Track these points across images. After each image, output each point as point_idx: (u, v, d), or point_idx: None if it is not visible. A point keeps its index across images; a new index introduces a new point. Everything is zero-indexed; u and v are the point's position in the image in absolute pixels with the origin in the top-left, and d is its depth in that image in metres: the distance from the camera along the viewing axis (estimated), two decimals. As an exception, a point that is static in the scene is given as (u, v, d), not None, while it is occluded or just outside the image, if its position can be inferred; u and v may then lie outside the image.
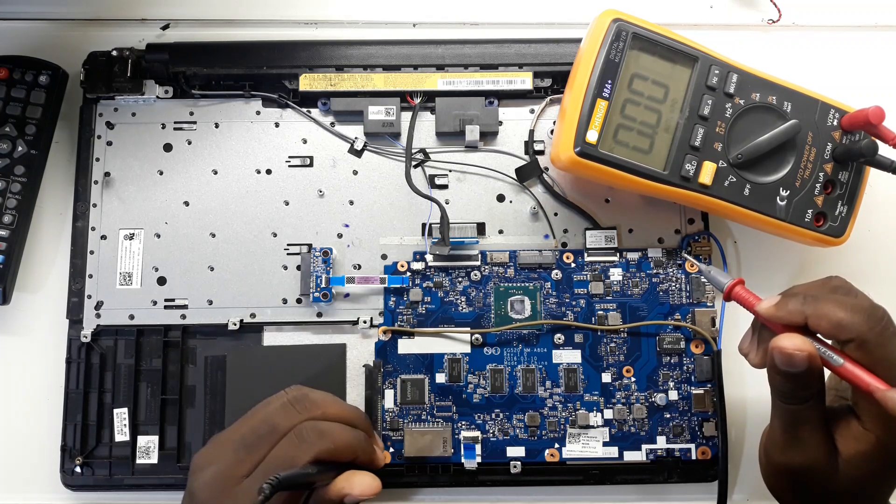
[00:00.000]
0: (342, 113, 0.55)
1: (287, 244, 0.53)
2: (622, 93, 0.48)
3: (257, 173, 0.54)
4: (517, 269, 0.53)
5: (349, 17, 0.58)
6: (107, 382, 0.51)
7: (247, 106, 0.55)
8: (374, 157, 0.55)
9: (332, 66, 0.55)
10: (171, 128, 0.55)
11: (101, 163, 0.54)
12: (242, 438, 0.42)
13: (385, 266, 0.53)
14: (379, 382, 0.51)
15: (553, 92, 0.55)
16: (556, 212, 0.54)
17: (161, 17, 0.58)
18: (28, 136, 0.54)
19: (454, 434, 0.51)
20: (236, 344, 0.52)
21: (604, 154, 0.47)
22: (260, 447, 0.41)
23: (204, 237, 0.53)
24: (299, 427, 0.42)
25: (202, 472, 0.41)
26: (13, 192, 0.53)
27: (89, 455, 0.51)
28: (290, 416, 0.43)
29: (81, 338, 0.52)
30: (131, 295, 0.53)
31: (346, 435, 0.44)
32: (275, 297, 0.53)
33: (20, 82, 0.54)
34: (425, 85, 0.55)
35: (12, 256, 0.52)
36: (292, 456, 0.41)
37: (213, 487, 0.40)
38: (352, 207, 0.54)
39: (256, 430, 0.42)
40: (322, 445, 0.42)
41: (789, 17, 0.59)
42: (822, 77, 0.54)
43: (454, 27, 0.58)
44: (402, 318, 0.52)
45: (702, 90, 0.48)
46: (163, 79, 0.55)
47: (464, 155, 0.55)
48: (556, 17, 0.58)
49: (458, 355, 0.52)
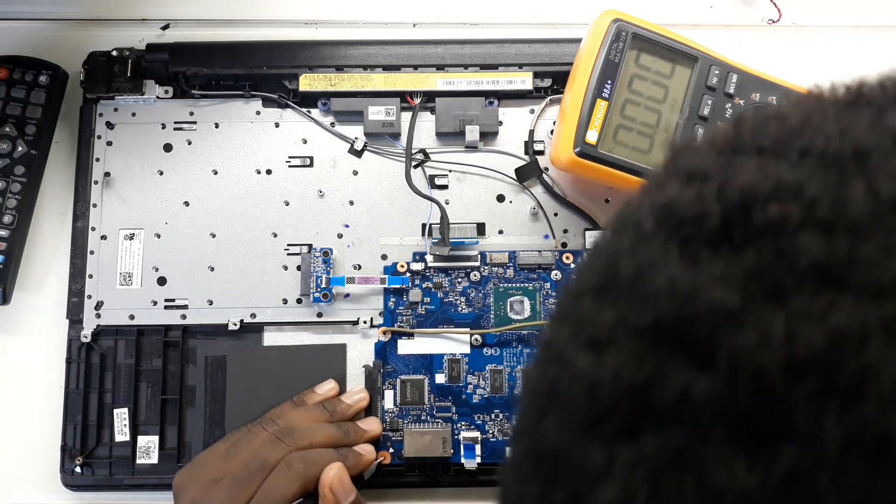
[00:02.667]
0: (342, 113, 0.55)
1: (287, 244, 0.53)
2: (622, 93, 0.48)
3: (257, 173, 0.54)
4: (517, 270, 0.53)
5: (349, 17, 0.58)
6: (107, 382, 0.51)
7: (247, 106, 0.55)
8: (374, 158, 0.55)
9: (332, 66, 0.55)
10: (171, 128, 0.55)
11: (101, 163, 0.54)
12: (235, 477, 0.44)
13: (385, 266, 0.53)
14: (379, 383, 0.51)
15: (553, 92, 0.55)
16: (556, 212, 0.54)
17: (161, 17, 0.58)
18: (28, 136, 0.54)
19: (454, 434, 0.51)
20: (236, 344, 0.52)
21: (604, 154, 0.47)
22: (252, 482, 0.43)
23: (204, 237, 0.53)
24: (288, 458, 0.44)
25: (185, 491, 0.44)
26: (13, 192, 0.53)
27: (89, 455, 0.51)
28: (278, 449, 0.45)
29: (81, 338, 0.52)
30: (131, 295, 0.53)
31: (333, 458, 0.45)
32: (275, 298, 0.53)
33: (20, 82, 0.54)
34: (425, 85, 0.54)
35: (12, 256, 0.52)
36: (283, 486, 0.43)
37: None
38: (352, 208, 0.54)
39: (248, 466, 0.44)
40: (311, 473, 0.44)
41: (789, 17, 0.59)
42: (822, 77, 0.54)
43: (454, 27, 0.58)
44: (401, 319, 0.52)
45: (702, 90, 0.48)
46: (163, 79, 0.55)
47: (464, 155, 0.55)
48: (556, 17, 0.58)
49: (457, 356, 0.52)
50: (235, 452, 0.45)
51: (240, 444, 0.45)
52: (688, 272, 0.15)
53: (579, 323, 0.17)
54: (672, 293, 0.15)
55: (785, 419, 0.13)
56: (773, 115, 0.17)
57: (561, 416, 0.16)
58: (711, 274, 0.14)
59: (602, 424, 0.15)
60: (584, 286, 0.18)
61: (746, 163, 0.16)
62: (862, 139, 0.15)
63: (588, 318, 0.17)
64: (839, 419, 0.12)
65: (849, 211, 0.14)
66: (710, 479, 0.13)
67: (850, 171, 0.14)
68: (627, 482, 0.14)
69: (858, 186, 0.14)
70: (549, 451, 0.16)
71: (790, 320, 0.13)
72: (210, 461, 0.45)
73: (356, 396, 0.50)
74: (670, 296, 0.15)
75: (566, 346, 0.17)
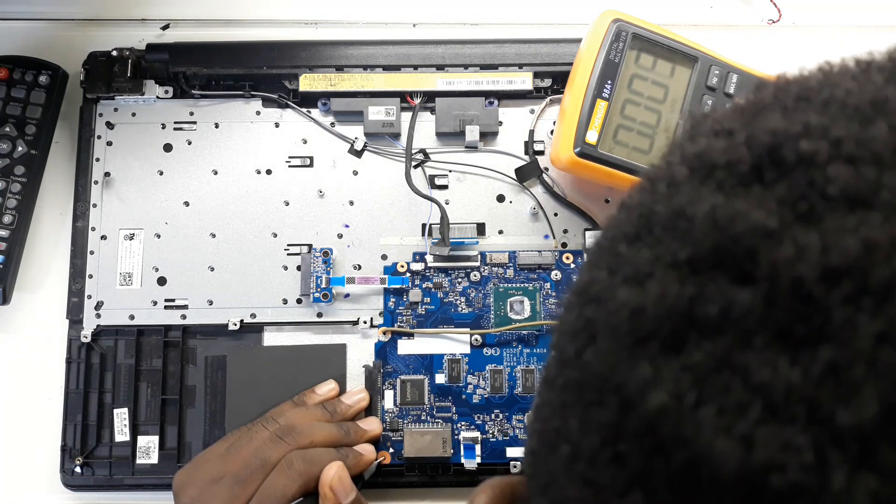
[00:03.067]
0: (342, 113, 0.55)
1: (287, 244, 0.53)
2: (622, 93, 0.48)
3: (257, 173, 0.54)
4: (517, 270, 0.53)
5: (349, 17, 0.58)
6: (107, 382, 0.51)
7: (247, 106, 0.55)
8: (374, 158, 0.55)
9: (332, 66, 0.55)
10: (171, 128, 0.55)
11: (101, 163, 0.54)
12: (235, 476, 0.44)
13: (385, 266, 0.53)
14: (379, 383, 0.51)
15: (553, 92, 0.55)
16: (556, 212, 0.54)
17: (161, 17, 0.58)
18: (28, 136, 0.54)
19: (454, 434, 0.51)
20: (236, 344, 0.52)
21: (604, 154, 0.47)
22: (253, 481, 0.44)
23: (204, 237, 0.53)
24: (289, 457, 0.44)
25: (185, 491, 0.44)
26: (13, 192, 0.53)
27: (89, 455, 0.51)
28: (279, 448, 0.45)
29: (81, 338, 0.52)
30: (131, 295, 0.53)
31: (334, 457, 0.45)
32: (275, 298, 0.53)
33: (20, 82, 0.54)
34: (425, 85, 0.54)
35: (12, 256, 0.52)
36: (283, 485, 0.43)
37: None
38: (352, 208, 0.54)
39: (248, 464, 0.44)
40: (312, 472, 0.44)
41: (789, 17, 0.59)
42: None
43: (454, 27, 0.58)
44: (401, 319, 0.52)
45: (702, 90, 0.48)
46: (163, 79, 0.55)
47: (464, 155, 0.55)
48: (556, 17, 0.58)
49: (457, 356, 0.52)
50: (236, 451, 0.45)
51: (240, 443, 0.45)
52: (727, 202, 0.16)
53: (617, 265, 0.18)
54: (712, 221, 0.16)
55: (822, 322, 0.14)
56: (793, 78, 0.19)
57: (604, 343, 0.17)
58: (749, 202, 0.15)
59: (647, 343, 0.16)
60: (617, 235, 0.18)
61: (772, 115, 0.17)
62: (879, 90, 0.16)
63: (626, 259, 0.17)
64: (872, 317, 0.13)
65: (873, 146, 0.15)
66: (755, 377, 0.14)
67: (870, 115, 0.16)
68: (675, 389, 0.15)
69: (881, 125, 0.15)
70: (592, 378, 0.17)
71: (824, 235, 0.14)
72: (210, 460, 0.45)
73: (356, 397, 0.50)
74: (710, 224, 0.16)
75: (604, 286, 0.17)
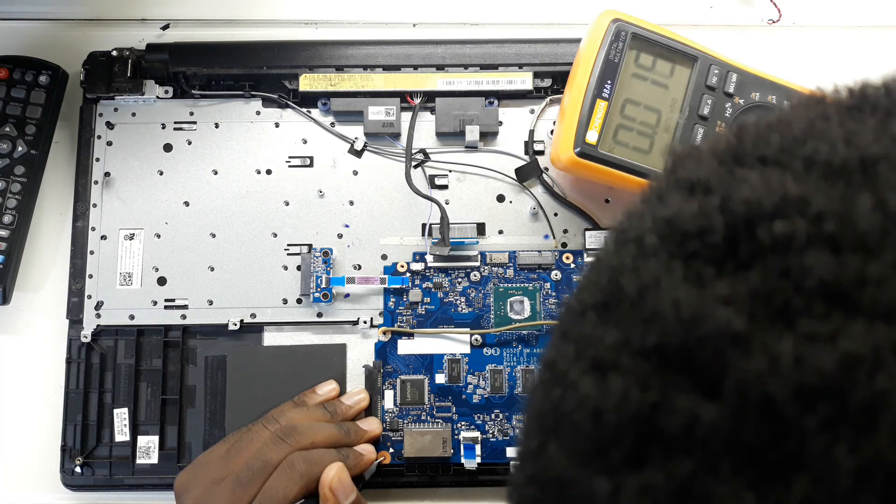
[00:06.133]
0: (342, 113, 0.55)
1: (287, 244, 0.53)
2: (622, 93, 0.48)
3: (257, 173, 0.54)
4: (517, 270, 0.53)
5: (349, 17, 0.58)
6: (107, 382, 0.51)
7: (247, 106, 0.55)
8: (374, 158, 0.55)
9: (332, 66, 0.55)
10: (171, 128, 0.55)
11: (101, 163, 0.54)
12: (237, 477, 0.43)
13: (385, 266, 0.53)
14: (379, 383, 0.51)
15: (553, 92, 0.55)
16: (556, 212, 0.54)
17: (161, 17, 0.58)
18: (28, 136, 0.54)
19: (454, 434, 0.51)
20: (236, 344, 0.52)
21: (604, 154, 0.47)
22: (255, 482, 0.43)
23: (204, 237, 0.53)
24: (290, 458, 0.44)
25: (187, 493, 0.44)
26: (13, 192, 0.53)
27: (89, 455, 0.51)
28: (281, 448, 0.45)
29: (81, 338, 0.52)
30: (131, 295, 0.53)
31: (335, 458, 0.45)
32: (275, 298, 0.53)
33: (20, 82, 0.54)
34: (425, 85, 0.54)
35: (12, 256, 0.52)
36: (285, 486, 0.43)
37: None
38: (352, 208, 0.54)
39: (250, 466, 0.44)
40: (313, 473, 0.44)
41: (789, 17, 0.59)
42: (823, 77, 0.54)
43: (454, 27, 0.58)
44: (401, 319, 0.52)
45: (701, 90, 0.48)
46: (163, 79, 0.55)
47: (464, 155, 0.55)
48: (556, 17, 0.58)
49: (457, 356, 0.52)
50: (237, 452, 0.45)
51: (241, 444, 0.45)
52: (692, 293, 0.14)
53: (583, 342, 0.16)
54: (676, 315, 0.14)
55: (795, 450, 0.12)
56: (776, 122, 0.17)
57: (566, 442, 0.16)
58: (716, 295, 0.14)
59: (608, 452, 0.14)
60: (586, 302, 0.17)
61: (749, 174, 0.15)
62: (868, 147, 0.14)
63: (591, 338, 0.16)
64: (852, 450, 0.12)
65: (857, 226, 0.13)
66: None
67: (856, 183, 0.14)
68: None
69: (866, 200, 0.13)
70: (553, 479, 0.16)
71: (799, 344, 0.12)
72: (211, 462, 0.45)
73: (356, 397, 0.50)
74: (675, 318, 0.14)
75: (570, 366, 0.16)
